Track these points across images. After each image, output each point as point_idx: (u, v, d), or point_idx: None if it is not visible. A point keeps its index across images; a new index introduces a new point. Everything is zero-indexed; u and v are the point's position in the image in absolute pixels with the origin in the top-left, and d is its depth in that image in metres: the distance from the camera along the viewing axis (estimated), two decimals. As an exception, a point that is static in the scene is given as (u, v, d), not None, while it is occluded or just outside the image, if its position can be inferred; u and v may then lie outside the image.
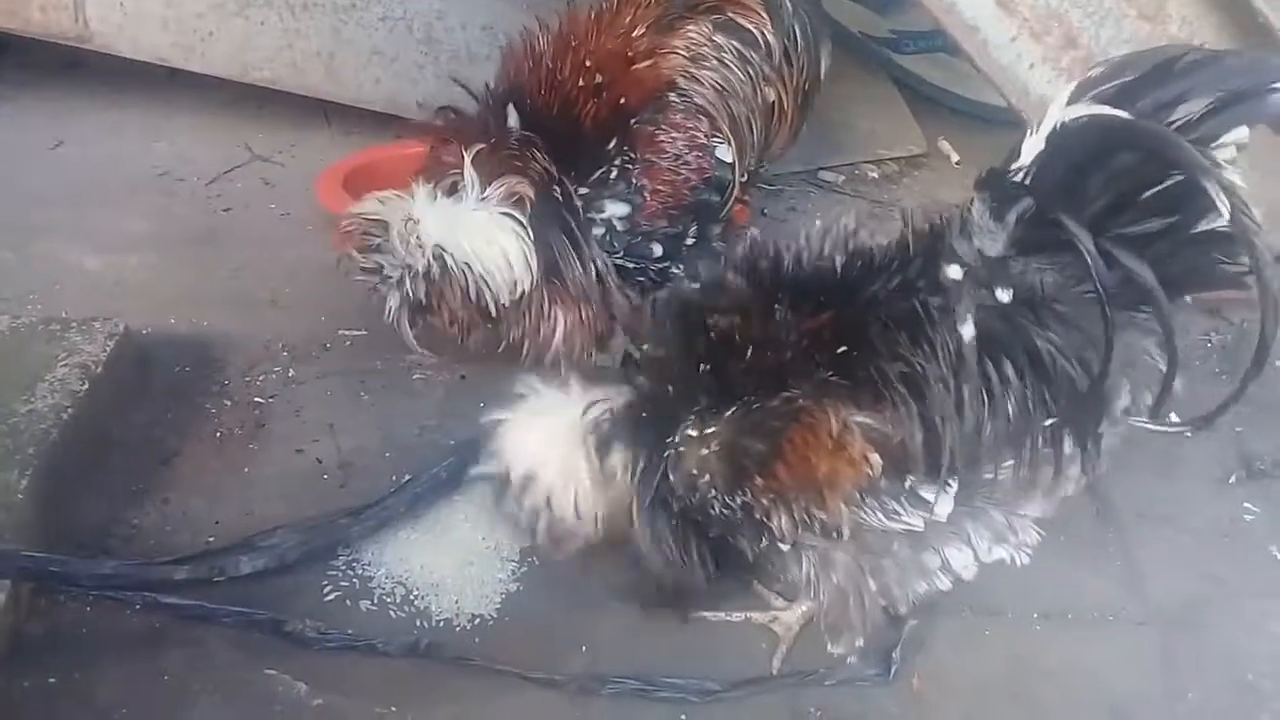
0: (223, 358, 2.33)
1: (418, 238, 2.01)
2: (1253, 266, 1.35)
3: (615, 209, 2.09)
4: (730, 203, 2.23)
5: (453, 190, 2.04)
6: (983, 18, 2.36)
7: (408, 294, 2.05)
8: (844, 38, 3.49)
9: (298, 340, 2.38)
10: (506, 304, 2.06)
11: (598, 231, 2.09)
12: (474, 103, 2.17)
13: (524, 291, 2.05)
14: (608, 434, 1.60)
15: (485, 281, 2.03)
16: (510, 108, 2.08)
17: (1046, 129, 1.44)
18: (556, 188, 2.05)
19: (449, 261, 2.02)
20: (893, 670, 1.72)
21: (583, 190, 2.07)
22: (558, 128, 2.07)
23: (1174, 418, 2.21)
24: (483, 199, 2.02)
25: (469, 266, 2.02)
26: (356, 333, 2.40)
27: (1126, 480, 2.05)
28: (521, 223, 2.02)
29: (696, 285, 1.65)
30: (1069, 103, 1.42)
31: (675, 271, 2.14)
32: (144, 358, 2.26)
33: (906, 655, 1.75)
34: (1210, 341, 2.43)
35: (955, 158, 3.07)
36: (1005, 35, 2.37)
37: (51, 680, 1.70)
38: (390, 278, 2.05)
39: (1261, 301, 1.34)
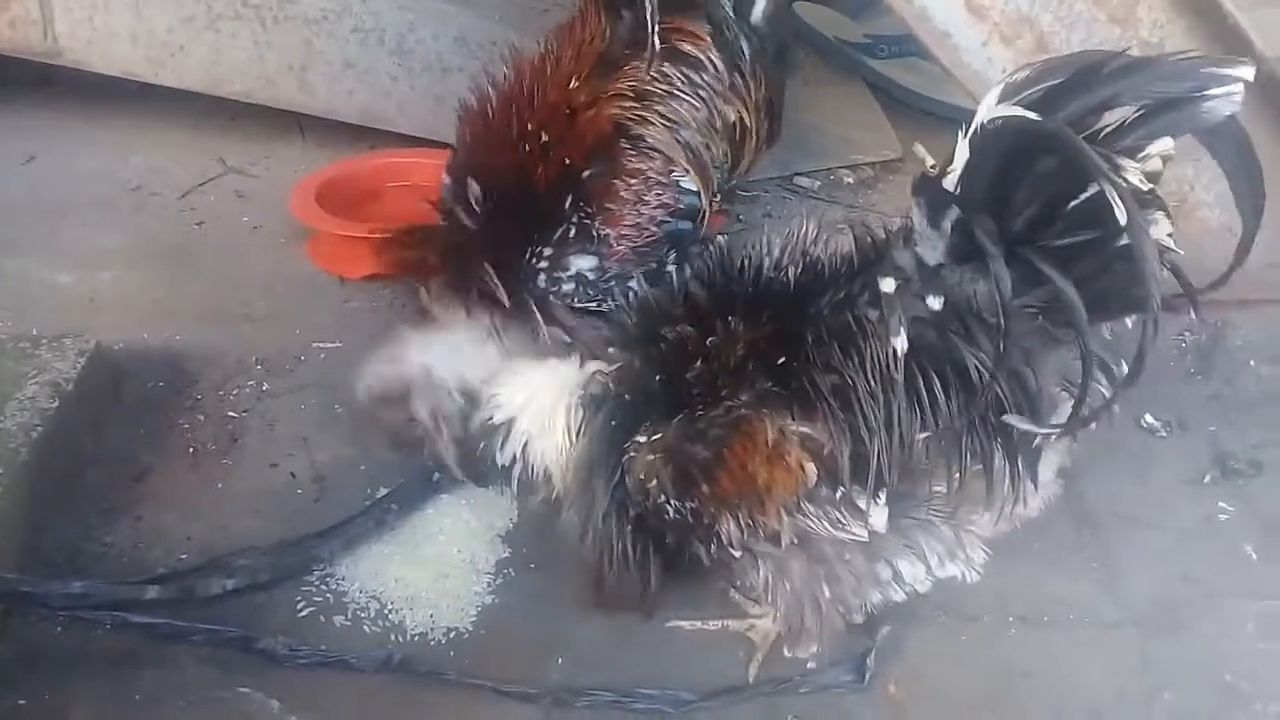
0: (196, 372, 2.31)
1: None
2: (1138, 272, 1.28)
3: (582, 263, 2.07)
4: (705, 224, 2.21)
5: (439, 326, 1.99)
6: (954, 23, 2.35)
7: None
8: (819, 43, 3.51)
9: (271, 354, 2.36)
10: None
11: (568, 287, 2.07)
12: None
13: None
14: (593, 398, 1.63)
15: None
16: (470, 181, 2.04)
17: (970, 132, 1.39)
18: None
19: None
20: (867, 676, 1.72)
21: (547, 251, 2.04)
22: (515, 193, 2.04)
23: (1149, 418, 2.24)
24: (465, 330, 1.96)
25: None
26: (330, 345, 2.39)
27: (1101, 482, 2.05)
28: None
29: (658, 293, 1.67)
30: (996, 104, 1.37)
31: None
32: (116, 373, 2.24)
33: (881, 661, 1.75)
34: (1184, 342, 2.43)
35: (930, 162, 3.02)
36: (977, 40, 2.37)
37: (22, 702, 1.68)
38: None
39: (1143, 310, 1.30)
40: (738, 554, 1.59)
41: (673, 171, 2.13)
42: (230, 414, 2.22)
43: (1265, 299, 2.37)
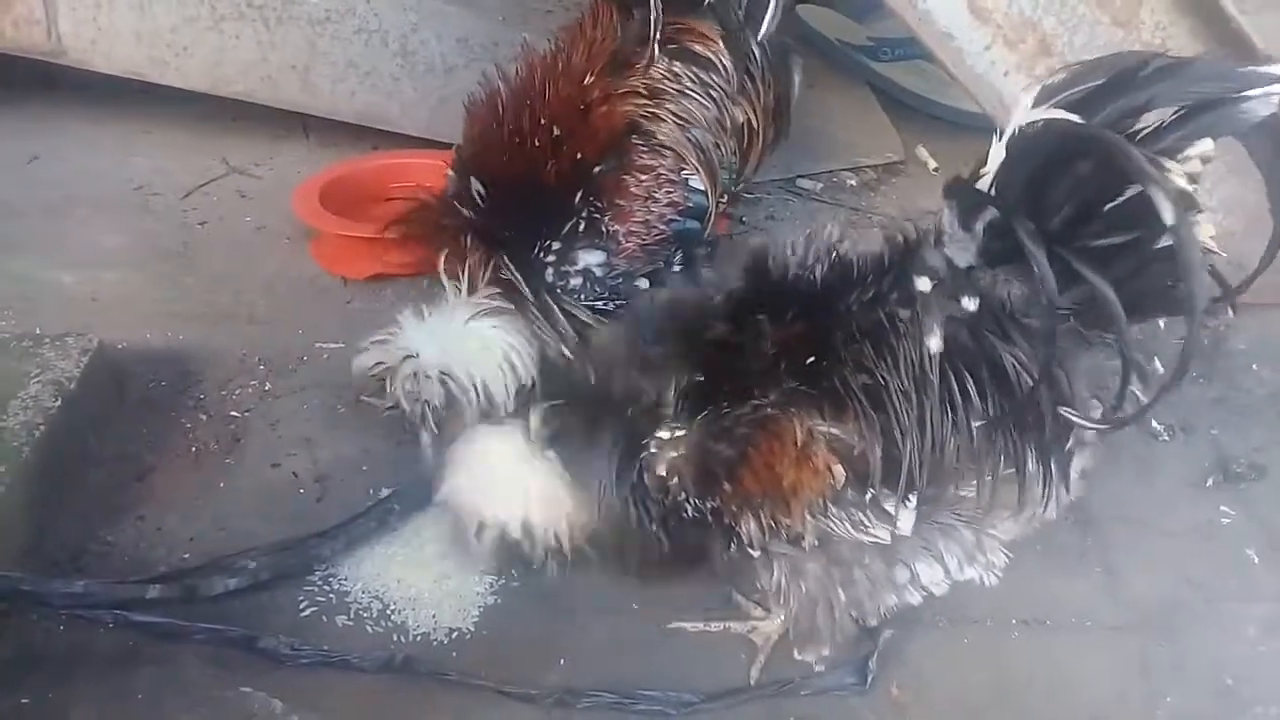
0: (198, 372, 2.31)
1: (423, 372, 1.93)
2: (1181, 275, 1.28)
3: (590, 258, 2.07)
4: (712, 225, 2.22)
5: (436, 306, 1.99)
6: (957, 26, 2.36)
7: (432, 426, 1.95)
8: (823, 45, 3.51)
9: (274, 354, 2.37)
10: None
11: (575, 282, 2.06)
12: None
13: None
14: (564, 441, 1.59)
15: (490, 391, 1.96)
16: (473, 180, 2.03)
17: (1007, 135, 1.40)
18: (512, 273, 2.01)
19: (453, 385, 1.94)
20: (869, 679, 1.72)
21: (555, 245, 2.03)
22: (524, 187, 2.04)
23: (1152, 422, 2.24)
24: (468, 312, 1.97)
25: (475, 382, 1.95)
26: (333, 346, 2.39)
27: (1103, 485, 2.05)
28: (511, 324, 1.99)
29: (693, 289, 1.67)
30: (1032, 107, 1.38)
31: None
32: (119, 373, 2.24)
33: (884, 664, 1.74)
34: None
35: (933, 165, 3.07)
36: (979, 43, 2.38)
37: (25, 701, 1.68)
38: (414, 418, 1.96)
39: (1187, 313, 1.29)
40: (755, 554, 1.57)
41: (683, 170, 2.14)
42: (233, 414, 2.22)
43: (1267, 303, 2.37)
